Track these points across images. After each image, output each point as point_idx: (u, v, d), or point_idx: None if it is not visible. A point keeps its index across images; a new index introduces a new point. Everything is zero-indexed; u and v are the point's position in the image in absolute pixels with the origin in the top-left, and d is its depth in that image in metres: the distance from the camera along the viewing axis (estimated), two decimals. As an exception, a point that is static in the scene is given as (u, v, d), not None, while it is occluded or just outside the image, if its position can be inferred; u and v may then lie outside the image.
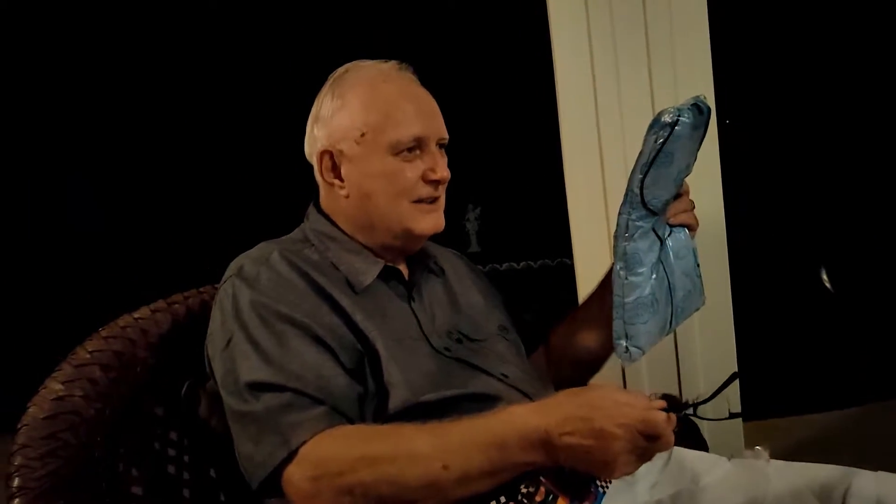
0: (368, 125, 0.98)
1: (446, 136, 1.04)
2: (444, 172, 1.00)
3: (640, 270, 0.96)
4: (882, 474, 0.90)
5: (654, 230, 0.97)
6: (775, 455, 0.98)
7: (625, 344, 0.98)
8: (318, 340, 0.90)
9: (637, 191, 0.93)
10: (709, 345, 1.59)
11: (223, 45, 3.17)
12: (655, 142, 0.90)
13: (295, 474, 0.81)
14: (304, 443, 0.81)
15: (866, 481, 0.89)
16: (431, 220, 1.01)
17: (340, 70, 1.05)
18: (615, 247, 0.97)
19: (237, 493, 0.94)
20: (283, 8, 3.11)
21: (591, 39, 1.57)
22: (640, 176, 0.92)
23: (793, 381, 2.55)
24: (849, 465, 0.93)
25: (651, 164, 0.91)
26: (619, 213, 0.95)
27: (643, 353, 0.99)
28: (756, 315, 1.94)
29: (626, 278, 0.96)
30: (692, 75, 1.56)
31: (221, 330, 0.92)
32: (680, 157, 0.93)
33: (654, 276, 0.98)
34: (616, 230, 0.97)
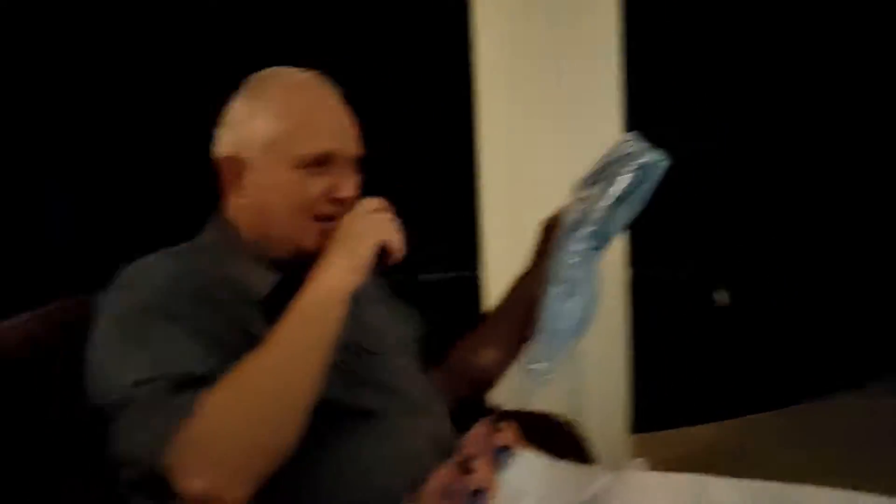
0: (275, 135, 0.95)
1: (360, 152, 1.00)
2: (349, 192, 0.96)
3: (576, 297, 0.98)
4: (734, 481, 0.96)
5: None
6: (661, 466, 1.03)
7: (541, 368, 0.99)
8: (205, 337, 0.84)
9: (600, 221, 0.95)
10: (601, 361, 1.66)
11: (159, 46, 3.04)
12: (635, 177, 0.93)
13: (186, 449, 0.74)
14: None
15: (721, 488, 0.95)
16: (325, 239, 0.97)
17: (256, 76, 1.01)
18: (555, 272, 0.98)
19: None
20: (205, 18, 3.03)
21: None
22: (608, 208, 0.94)
23: (679, 394, 2.69)
24: (727, 474, 0.98)
25: (625, 198, 0.94)
26: (570, 238, 0.97)
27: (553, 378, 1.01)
28: (647, 331, 2.04)
29: (564, 304, 0.97)
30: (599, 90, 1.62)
31: (100, 341, 0.86)
32: (647, 198, 0.96)
33: (585, 302, 0.99)
34: (560, 255, 0.97)
